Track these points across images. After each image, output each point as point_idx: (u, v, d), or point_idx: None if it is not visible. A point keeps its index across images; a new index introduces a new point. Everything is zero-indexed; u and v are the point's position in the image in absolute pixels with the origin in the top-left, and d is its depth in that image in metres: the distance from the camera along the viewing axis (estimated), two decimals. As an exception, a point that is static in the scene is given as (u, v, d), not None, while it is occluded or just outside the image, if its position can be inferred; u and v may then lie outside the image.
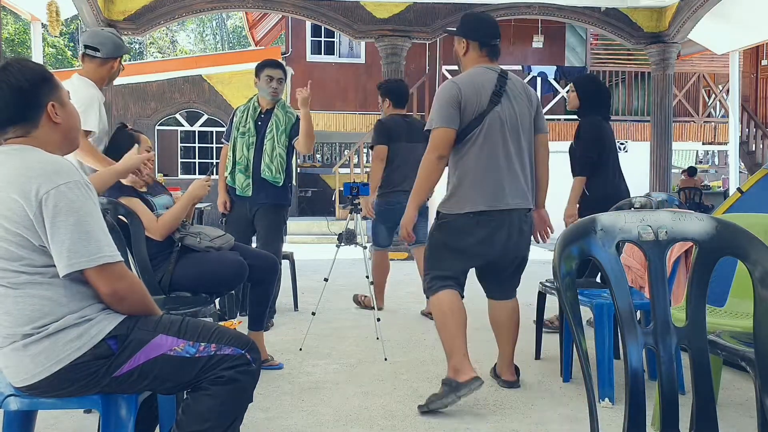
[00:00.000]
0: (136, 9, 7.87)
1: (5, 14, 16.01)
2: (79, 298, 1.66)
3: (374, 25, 8.42)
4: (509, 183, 2.93)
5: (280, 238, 4.34)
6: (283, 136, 4.12)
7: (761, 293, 1.41)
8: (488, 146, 2.91)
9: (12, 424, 1.85)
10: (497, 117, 2.91)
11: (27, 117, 1.71)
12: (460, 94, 2.89)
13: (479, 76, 2.94)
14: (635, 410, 1.42)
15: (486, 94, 2.90)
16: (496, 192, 2.92)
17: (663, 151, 8.84)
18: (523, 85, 3.07)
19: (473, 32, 3.02)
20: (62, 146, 1.79)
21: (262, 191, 4.14)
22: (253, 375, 1.75)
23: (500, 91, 2.93)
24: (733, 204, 3.91)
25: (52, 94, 1.75)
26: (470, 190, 2.93)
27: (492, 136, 2.90)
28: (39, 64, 1.79)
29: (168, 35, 32.72)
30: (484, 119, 2.89)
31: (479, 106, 2.89)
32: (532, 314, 4.69)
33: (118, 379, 1.67)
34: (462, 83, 2.92)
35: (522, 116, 2.98)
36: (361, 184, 4.17)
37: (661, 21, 8.57)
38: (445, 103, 2.89)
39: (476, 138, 2.90)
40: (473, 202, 2.93)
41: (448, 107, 2.88)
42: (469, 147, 2.92)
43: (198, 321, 1.80)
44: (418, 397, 3.03)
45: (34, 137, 1.72)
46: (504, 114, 2.92)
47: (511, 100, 2.96)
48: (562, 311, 3.37)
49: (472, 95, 2.89)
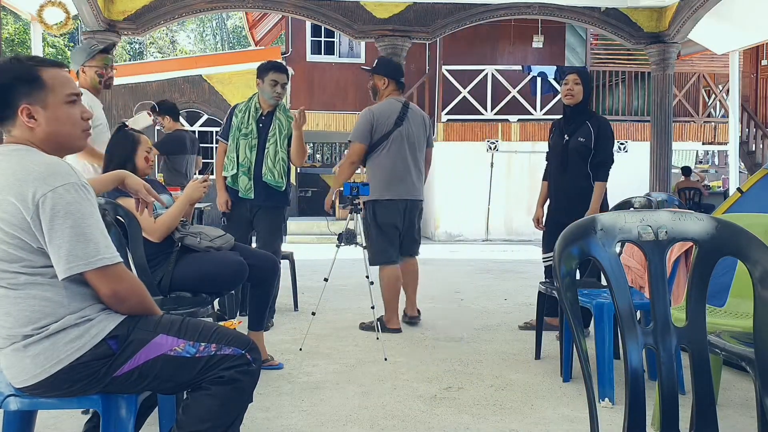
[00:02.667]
0: (136, 9, 7.86)
1: (5, 14, 16.01)
2: (80, 298, 1.66)
3: (374, 25, 8.41)
4: (408, 181, 4.34)
5: (280, 238, 4.37)
6: (286, 140, 4.14)
7: (761, 293, 1.41)
8: (393, 154, 4.29)
9: (12, 424, 1.85)
10: (400, 134, 4.30)
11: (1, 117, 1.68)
12: (373, 119, 4.27)
13: (390, 106, 4.33)
14: (635, 410, 1.42)
15: (393, 119, 4.29)
16: (399, 187, 4.30)
17: (663, 151, 8.83)
18: (420, 112, 4.47)
19: (393, 73, 4.37)
20: (50, 150, 1.70)
21: (263, 194, 4.14)
22: (253, 375, 1.75)
23: (403, 116, 4.32)
24: (733, 204, 3.91)
25: (31, 96, 1.66)
26: (382, 185, 4.29)
27: (396, 147, 4.29)
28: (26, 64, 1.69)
29: (168, 35, 32.71)
30: (390, 136, 4.27)
31: (387, 127, 4.27)
32: (522, 317, 4.71)
33: (118, 379, 1.67)
34: (376, 111, 4.30)
35: (418, 135, 4.37)
36: (361, 184, 4.19)
37: (661, 21, 8.56)
38: (362, 126, 4.28)
39: (385, 149, 4.29)
40: (381, 193, 4.29)
41: (363, 129, 4.27)
42: (380, 154, 4.31)
43: (198, 321, 1.80)
44: (418, 397, 3.03)
45: (19, 137, 1.68)
46: (404, 132, 4.30)
47: (411, 123, 4.34)
48: (562, 311, 3.37)
49: (383, 120, 4.27)
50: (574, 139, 4.08)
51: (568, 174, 4.11)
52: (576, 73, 4.17)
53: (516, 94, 11.58)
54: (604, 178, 4.07)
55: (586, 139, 4.05)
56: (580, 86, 4.10)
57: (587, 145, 4.05)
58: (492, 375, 3.39)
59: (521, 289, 6.17)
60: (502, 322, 4.71)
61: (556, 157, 4.21)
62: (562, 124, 4.21)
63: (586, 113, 4.14)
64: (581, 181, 4.09)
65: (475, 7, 8.46)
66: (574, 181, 4.09)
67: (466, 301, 5.54)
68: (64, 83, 1.72)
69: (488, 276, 7.18)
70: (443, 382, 3.27)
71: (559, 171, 4.17)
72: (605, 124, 4.10)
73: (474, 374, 3.41)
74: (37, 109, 1.67)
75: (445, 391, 3.12)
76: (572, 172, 4.10)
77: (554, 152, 4.23)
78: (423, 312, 4.99)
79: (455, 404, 2.94)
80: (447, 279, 6.90)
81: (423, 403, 2.94)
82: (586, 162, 4.07)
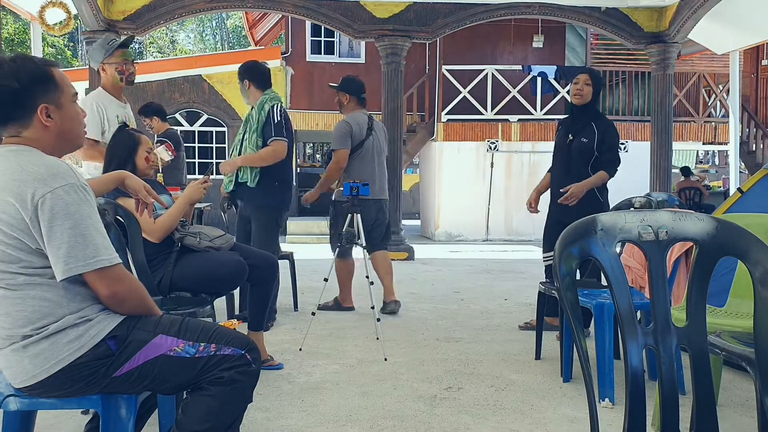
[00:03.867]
0: (136, 9, 7.87)
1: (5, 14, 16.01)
2: (79, 299, 1.65)
3: (374, 25, 8.42)
4: (378, 183, 4.91)
5: (270, 240, 4.21)
6: (255, 135, 4.09)
7: (761, 293, 1.41)
8: (368, 160, 4.87)
9: (12, 424, 1.85)
10: (371, 142, 4.88)
11: (16, 117, 1.68)
12: (351, 128, 4.80)
13: (359, 117, 4.89)
14: (635, 410, 1.42)
15: (365, 129, 4.87)
16: (372, 188, 4.71)
17: (663, 151, 8.84)
18: (381, 124, 5.14)
19: (355, 90, 4.92)
20: (56, 148, 1.74)
21: (242, 193, 4.20)
22: (252, 375, 1.75)
23: (371, 127, 4.92)
24: (733, 204, 3.91)
25: (47, 95, 1.69)
26: None
27: (369, 154, 4.87)
28: (39, 64, 1.73)
29: (168, 35, 32.71)
30: (364, 143, 4.84)
31: (361, 136, 4.83)
32: (522, 317, 4.71)
33: (118, 379, 1.67)
34: (352, 122, 4.84)
35: (383, 143, 5.04)
36: (361, 184, 4.21)
37: (662, 21, 8.57)
38: (343, 135, 4.79)
39: (360, 154, 4.84)
40: None
41: (345, 137, 4.78)
42: (356, 159, 4.83)
43: (198, 321, 1.79)
44: (418, 397, 3.03)
45: (27, 138, 1.69)
46: (374, 141, 4.90)
47: (377, 133, 4.96)
48: (562, 311, 3.37)
49: (357, 129, 4.82)
50: (577, 139, 4.08)
51: (570, 173, 4.11)
52: (588, 74, 4.16)
53: (516, 94, 11.57)
54: (610, 171, 4.08)
55: (589, 140, 4.05)
56: (590, 87, 4.10)
57: (590, 146, 4.04)
58: (492, 375, 3.39)
59: (521, 289, 6.17)
60: (502, 322, 4.71)
61: (559, 156, 4.22)
62: (569, 123, 4.21)
63: (593, 114, 4.13)
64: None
65: (475, 6, 8.47)
66: (576, 180, 4.07)
67: (466, 301, 5.53)
68: (68, 82, 1.77)
69: (488, 276, 7.18)
70: (443, 382, 3.27)
71: (562, 170, 4.17)
72: (611, 128, 4.09)
73: (474, 374, 3.40)
74: (53, 108, 1.71)
75: (445, 391, 3.12)
76: (574, 172, 4.09)
77: (558, 151, 4.24)
78: (423, 312, 5.01)
79: (455, 404, 2.94)
80: (447, 279, 6.90)
81: (423, 403, 2.94)
82: (588, 163, 4.06)
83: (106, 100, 3.80)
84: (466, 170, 11.75)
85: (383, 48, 8.52)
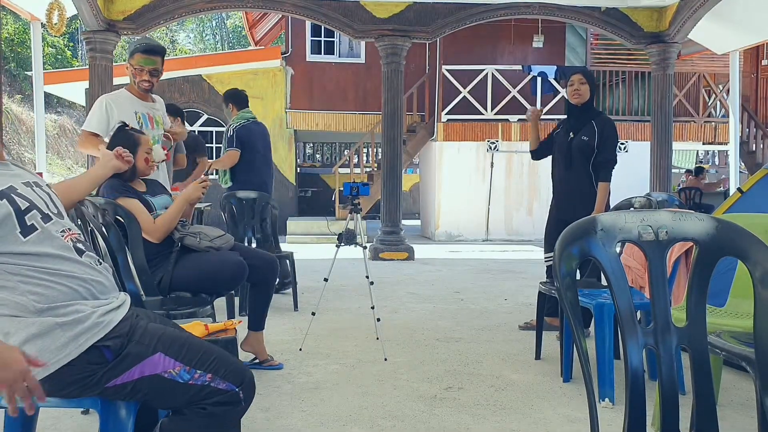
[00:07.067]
0: (136, 9, 7.86)
1: (5, 14, 16.01)
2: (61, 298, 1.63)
3: (374, 25, 8.41)
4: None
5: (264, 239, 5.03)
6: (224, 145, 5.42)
7: (761, 293, 1.41)
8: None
9: (12, 424, 1.85)
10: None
11: None
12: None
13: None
14: (635, 410, 1.42)
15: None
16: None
17: (663, 151, 8.83)
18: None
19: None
20: None
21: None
22: (238, 413, 1.70)
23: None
24: (733, 204, 3.91)
25: None
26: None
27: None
28: None
29: (168, 35, 32.70)
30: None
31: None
32: (522, 317, 4.71)
33: (110, 390, 1.64)
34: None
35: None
36: (361, 183, 4.20)
37: (661, 21, 8.57)
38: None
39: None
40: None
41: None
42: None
43: (201, 344, 1.74)
44: (418, 397, 3.03)
45: None
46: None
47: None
48: (562, 312, 3.37)
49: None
50: (578, 138, 4.11)
51: (571, 173, 4.14)
52: (580, 73, 4.19)
53: (516, 94, 11.57)
54: (606, 179, 4.08)
55: (590, 138, 4.07)
56: (586, 85, 4.13)
57: (590, 144, 4.06)
58: (492, 375, 3.39)
59: (521, 289, 6.17)
60: (502, 322, 4.71)
61: (561, 155, 4.24)
62: (569, 122, 4.23)
63: (592, 112, 4.17)
64: (584, 180, 4.11)
65: (475, 7, 8.46)
66: (577, 180, 4.11)
67: (466, 301, 5.53)
68: None
69: (488, 276, 7.18)
70: (443, 382, 3.27)
71: (563, 169, 4.20)
72: (609, 124, 4.11)
73: (474, 374, 3.41)
74: None
75: (445, 391, 3.12)
76: (576, 171, 4.12)
77: (559, 150, 4.26)
78: (423, 312, 4.99)
79: (455, 404, 2.94)
80: (447, 279, 6.90)
81: (423, 403, 2.94)
82: (589, 161, 4.09)
83: (122, 98, 3.77)
84: (466, 170, 11.75)
85: (383, 48, 8.52)
